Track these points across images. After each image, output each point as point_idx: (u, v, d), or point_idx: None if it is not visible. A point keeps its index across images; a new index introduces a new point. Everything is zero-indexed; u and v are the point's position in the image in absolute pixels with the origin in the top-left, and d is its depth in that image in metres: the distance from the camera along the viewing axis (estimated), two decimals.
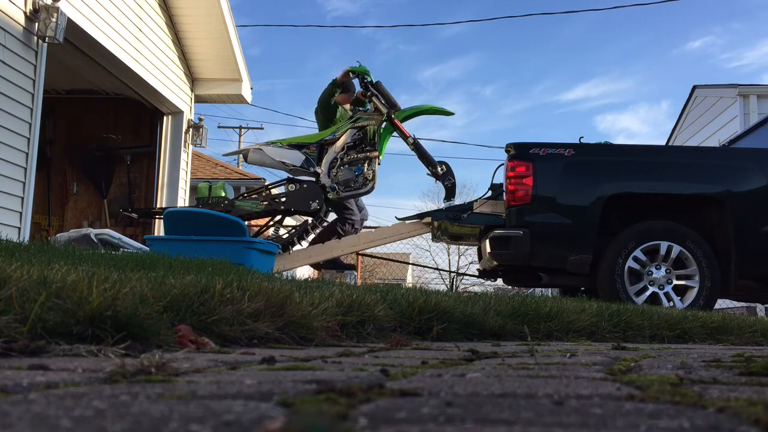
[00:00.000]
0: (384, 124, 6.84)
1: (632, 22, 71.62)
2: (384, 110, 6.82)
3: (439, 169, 6.70)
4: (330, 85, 7.22)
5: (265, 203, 6.77)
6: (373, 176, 6.71)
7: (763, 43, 66.14)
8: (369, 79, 6.99)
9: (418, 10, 69.34)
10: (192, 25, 10.00)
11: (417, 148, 6.81)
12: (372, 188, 6.76)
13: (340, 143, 6.79)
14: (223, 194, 6.76)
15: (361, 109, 7.22)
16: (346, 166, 6.73)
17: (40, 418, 0.78)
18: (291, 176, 6.95)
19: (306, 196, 6.70)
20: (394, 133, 6.91)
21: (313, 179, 6.78)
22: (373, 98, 6.91)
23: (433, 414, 0.88)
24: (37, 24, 6.80)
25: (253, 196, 6.96)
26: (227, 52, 10.33)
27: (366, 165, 6.71)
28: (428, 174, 6.81)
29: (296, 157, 6.79)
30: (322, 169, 6.71)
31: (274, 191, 7.03)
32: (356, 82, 7.31)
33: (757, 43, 70.66)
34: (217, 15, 9.82)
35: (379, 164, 6.80)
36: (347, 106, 7.46)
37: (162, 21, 9.64)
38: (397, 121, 6.83)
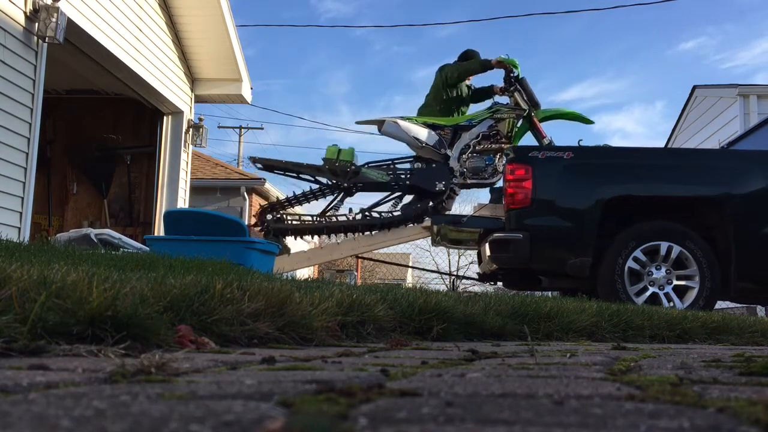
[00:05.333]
0: (521, 120, 6.82)
1: (625, 23, 71.91)
2: (525, 107, 6.79)
3: None
4: (480, 64, 7.14)
5: (390, 175, 6.74)
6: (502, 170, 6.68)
7: (756, 44, 66.30)
8: (516, 73, 6.96)
9: (410, 11, 69.56)
10: (192, 25, 10.00)
11: None
12: (498, 180, 6.73)
13: (475, 131, 6.76)
14: (351, 159, 6.76)
15: (498, 101, 7.16)
16: (477, 154, 6.70)
17: (40, 418, 0.78)
18: (418, 154, 6.92)
19: (434, 175, 6.66)
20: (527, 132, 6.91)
21: (441, 161, 6.74)
22: (515, 93, 6.88)
23: (433, 414, 0.88)
24: (37, 24, 6.80)
25: (382, 167, 6.92)
26: (227, 52, 10.33)
27: (497, 157, 6.68)
28: None
29: (430, 137, 6.79)
30: (452, 153, 6.69)
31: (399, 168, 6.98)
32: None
33: (750, 43, 70.88)
34: (217, 15, 9.82)
35: None
36: (468, 82, 7.42)
37: (162, 21, 9.64)
38: (536, 120, 6.81)
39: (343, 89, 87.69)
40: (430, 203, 6.80)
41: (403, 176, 6.76)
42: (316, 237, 7.48)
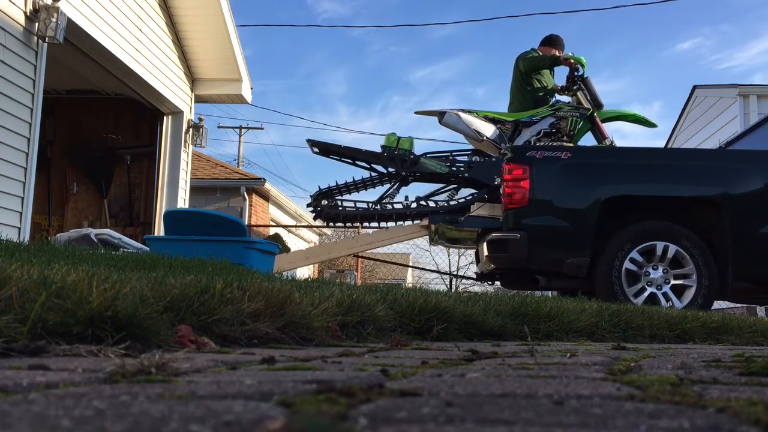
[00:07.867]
0: (582, 121, 6.82)
1: (622, 23, 72.14)
2: (588, 106, 6.79)
3: None
4: (549, 60, 7.16)
5: (448, 166, 6.74)
6: None
7: (752, 45, 66.33)
8: (581, 72, 6.96)
9: (407, 12, 69.72)
10: (192, 25, 10.00)
11: None
12: None
13: (536, 127, 6.77)
14: (410, 148, 6.78)
15: (560, 99, 7.17)
16: None
17: (40, 418, 0.78)
18: (477, 148, 6.94)
19: (492, 169, 6.65)
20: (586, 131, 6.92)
21: (500, 156, 6.73)
22: (578, 93, 6.88)
23: (433, 414, 0.88)
24: (37, 24, 6.80)
25: (441, 158, 6.92)
26: (227, 52, 10.33)
27: None
28: None
29: (491, 131, 6.79)
30: None
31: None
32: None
33: (747, 44, 71.02)
34: (217, 15, 9.82)
35: None
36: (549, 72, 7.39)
37: (162, 21, 9.64)
38: (598, 120, 6.81)
39: (341, 89, 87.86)
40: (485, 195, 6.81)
41: (462, 168, 6.76)
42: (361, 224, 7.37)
